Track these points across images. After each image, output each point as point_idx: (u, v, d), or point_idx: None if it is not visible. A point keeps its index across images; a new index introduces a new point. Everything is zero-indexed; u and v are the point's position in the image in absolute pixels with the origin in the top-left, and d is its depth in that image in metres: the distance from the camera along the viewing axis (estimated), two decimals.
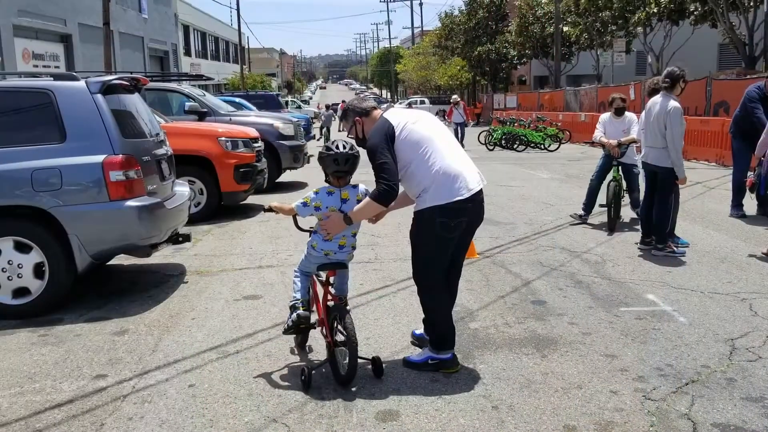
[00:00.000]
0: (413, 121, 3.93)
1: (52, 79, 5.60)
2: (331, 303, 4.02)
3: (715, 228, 8.09)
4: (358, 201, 3.95)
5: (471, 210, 3.88)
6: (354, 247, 4.12)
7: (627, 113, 8.36)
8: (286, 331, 4.10)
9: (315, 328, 4.17)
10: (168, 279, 6.33)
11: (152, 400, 3.75)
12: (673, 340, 4.51)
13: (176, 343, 4.62)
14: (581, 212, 8.53)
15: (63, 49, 23.60)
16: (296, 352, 4.41)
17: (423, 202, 3.86)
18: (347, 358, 3.78)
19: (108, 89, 5.59)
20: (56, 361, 4.35)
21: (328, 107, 31.04)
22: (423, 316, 4.20)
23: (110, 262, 6.70)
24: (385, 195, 3.78)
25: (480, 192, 3.93)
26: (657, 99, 6.71)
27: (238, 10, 49.67)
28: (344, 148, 3.90)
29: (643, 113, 7.15)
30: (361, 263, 6.62)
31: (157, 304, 5.54)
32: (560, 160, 17.69)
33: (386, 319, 5.01)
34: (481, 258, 6.81)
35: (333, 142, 4.00)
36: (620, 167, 8.19)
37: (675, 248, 6.74)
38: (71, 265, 5.31)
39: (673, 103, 6.49)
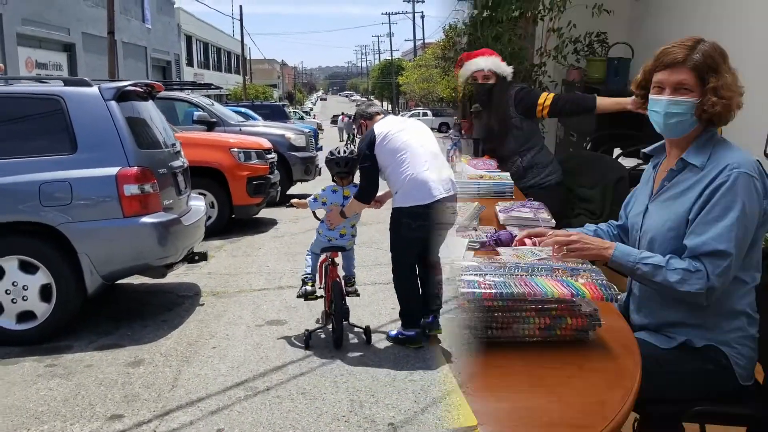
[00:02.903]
0: (396, 131, 4.38)
1: (62, 84, 5.17)
2: (336, 280, 4.63)
3: None
4: None
5: (432, 215, 4.24)
6: (354, 236, 4.86)
7: None
8: (298, 297, 4.82)
9: (317, 299, 4.81)
10: (182, 301, 5.88)
11: None
12: None
13: (198, 377, 4.16)
14: None
15: (66, 58, 23.19)
16: (320, 321, 5.03)
17: (394, 201, 4.41)
18: (334, 324, 4.54)
19: (122, 96, 5.17)
20: (66, 398, 3.90)
21: (348, 116, 34.16)
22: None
23: (119, 282, 6.24)
24: (363, 194, 4.50)
25: (445, 199, 4.24)
26: None
27: (241, 21, 49.52)
28: (344, 153, 4.62)
29: None
30: (390, 284, 6.17)
31: (173, 329, 5.10)
32: None
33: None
34: None
35: (336, 148, 4.71)
36: None
37: None
38: (80, 286, 4.86)
39: None
